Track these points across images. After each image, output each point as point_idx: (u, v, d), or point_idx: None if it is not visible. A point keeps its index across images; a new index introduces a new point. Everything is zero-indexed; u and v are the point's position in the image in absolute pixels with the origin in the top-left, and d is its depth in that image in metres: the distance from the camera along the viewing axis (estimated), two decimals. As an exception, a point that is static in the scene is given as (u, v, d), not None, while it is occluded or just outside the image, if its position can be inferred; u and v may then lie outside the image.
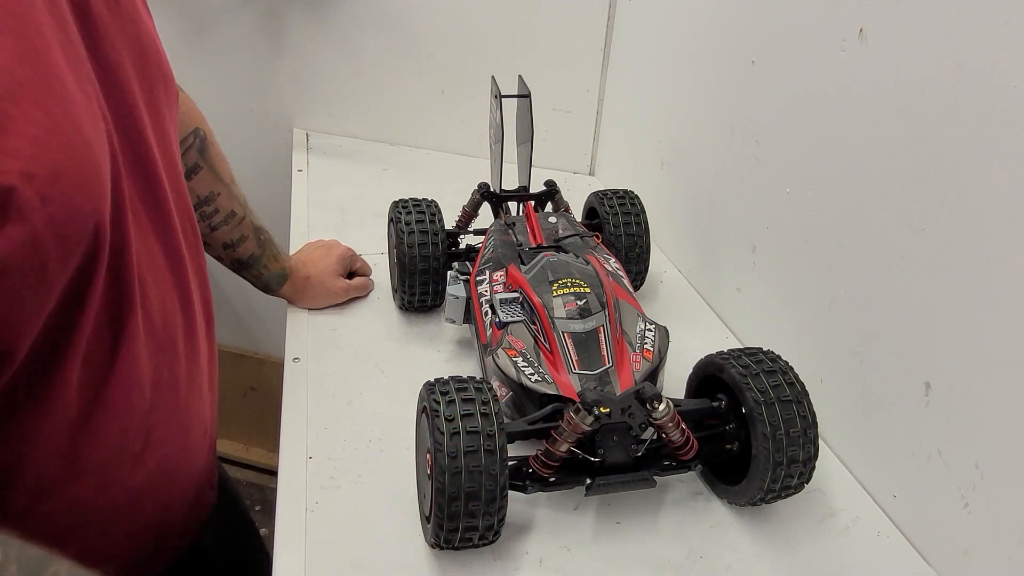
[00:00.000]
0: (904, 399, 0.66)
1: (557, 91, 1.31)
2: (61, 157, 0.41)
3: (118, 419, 0.53)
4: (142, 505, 0.59)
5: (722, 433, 0.67)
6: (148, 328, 0.54)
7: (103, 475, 0.54)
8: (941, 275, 0.62)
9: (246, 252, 0.85)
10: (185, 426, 0.62)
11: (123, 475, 0.56)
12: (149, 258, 0.54)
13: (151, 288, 0.54)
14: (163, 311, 0.56)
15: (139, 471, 0.57)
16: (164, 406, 0.57)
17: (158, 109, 0.56)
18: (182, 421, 0.61)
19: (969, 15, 0.57)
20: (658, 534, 0.66)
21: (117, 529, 0.58)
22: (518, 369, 0.68)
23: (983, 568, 0.60)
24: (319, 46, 1.37)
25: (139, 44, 0.53)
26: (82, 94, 0.45)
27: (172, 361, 0.58)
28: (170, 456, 0.60)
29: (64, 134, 0.42)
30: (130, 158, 0.52)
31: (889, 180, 0.66)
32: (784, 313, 0.84)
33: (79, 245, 0.44)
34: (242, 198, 0.83)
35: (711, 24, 0.95)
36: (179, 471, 0.63)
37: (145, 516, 0.61)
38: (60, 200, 0.41)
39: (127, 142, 0.52)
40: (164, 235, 0.56)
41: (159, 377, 0.56)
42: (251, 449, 1.90)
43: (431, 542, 0.61)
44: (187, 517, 0.66)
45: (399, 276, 0.89)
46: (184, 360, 0.59)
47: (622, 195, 0.96)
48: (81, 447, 0.52)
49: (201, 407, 0.64)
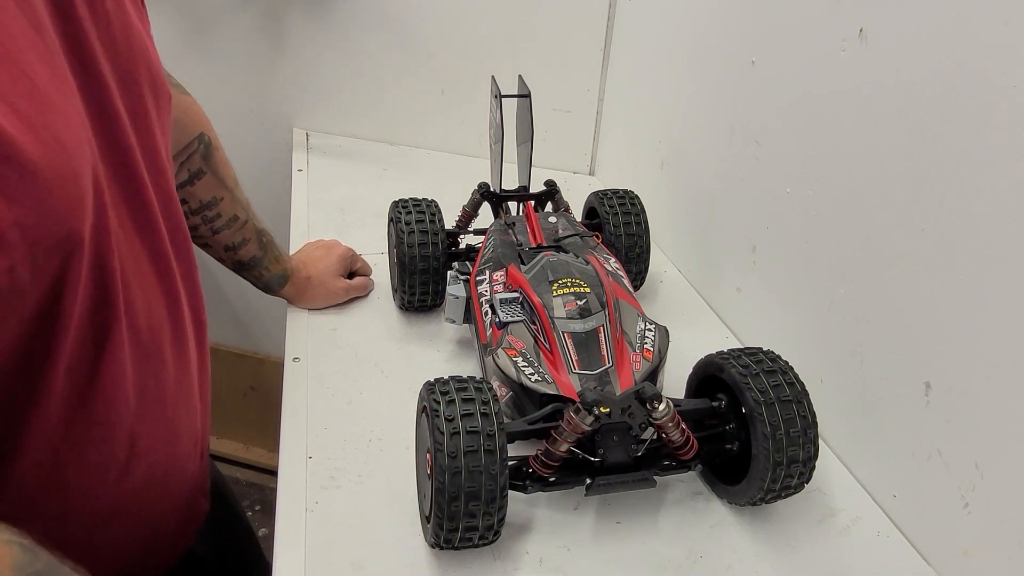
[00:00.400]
0: (904, 399, 0.66)
1: (557, 91, 1.31)
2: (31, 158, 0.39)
3: (102, 428, 0.52)
4: (129, 514, 0.58)
5: (722, 433, 0.67)
6: (133, 335, 0.52)
7: (87, 485, 0.53)
8: (941, 275, 0.62)
9: (247, 254, 0.85)
10: (173, 434, 0.60)
11: (108, 485, 0.54)
12: (134, 263, 0.53)
13: (136, 294, 0.53)
14: (148, 318, 0.54)
15: (125, 481, 0.56)
16: (150, 414, 0.56)
17: (144, 113, 0.54)
18: (170, 430, 0.59)
19: (969, 15, 0.57)
20: (658, 534, 0.66)
21: (103, 539, 0.57)
22: (518, 369, 0.68)
23: (983, 568, 0.60)
24: (319, 46, 1.37)
25: (127, 47, 0.52)
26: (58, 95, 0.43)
27: (158, 369, 0.56)
28: (158, 465, 0.59)
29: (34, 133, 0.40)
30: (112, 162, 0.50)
31: (889, 180, 0.66)
32: (784, 313, 0.84)
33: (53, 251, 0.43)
34: (245, 202, 0.83)
35: (711, 24, 0.95)
36: (168, 480, 0.61)
37: (132, 525, 0.59)
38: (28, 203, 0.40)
39: (109, 145, 0.50)
40: (150, 239, 0.55)
41: (144, 385, 0.55)
42: (251, 449, 1.90)
43: (431, 542, 0.61)
44: (178, 525, 0.65)
45: (399, 276, 0.90)
46: (172, 367, 0.58)
47: (622, 195, 0.96)
48: (64, 457, 0.51)
49: (191, 415, 0.62)
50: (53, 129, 0.42)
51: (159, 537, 0.64)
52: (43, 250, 0.42)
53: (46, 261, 0.43)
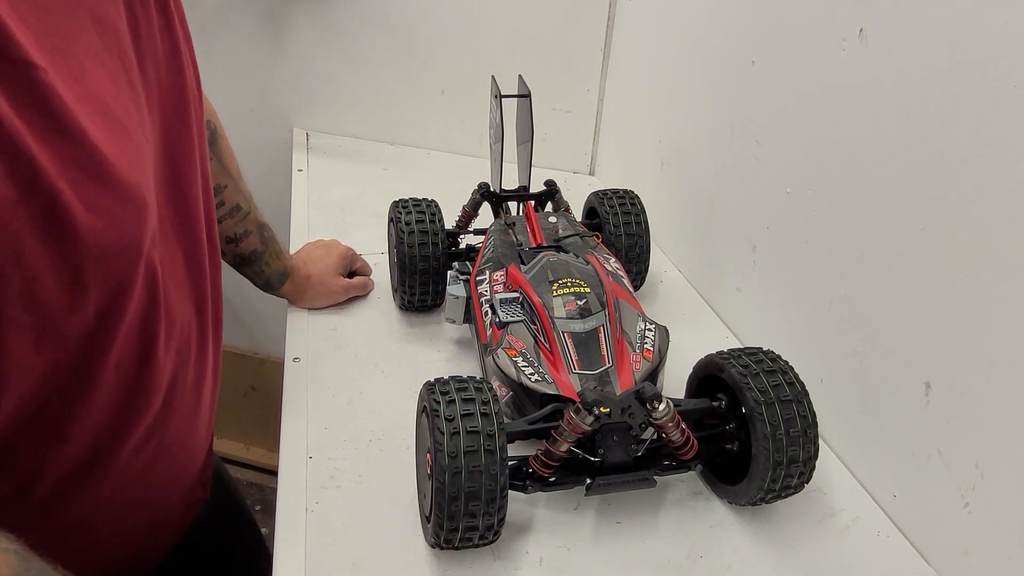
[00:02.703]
0: (904, 399, 0.66)
1: (557, 91, 1.31)
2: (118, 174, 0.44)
3: (140, 420, 0.55)
4: (148, 502, 0.61)
5: (722, 433, 0.67)
6: (168, 333, 0.55)
7: (120, 474, 0.56)
8: (941, 275, 0.62)
9: (249, 247, 0.85)
10: (193, 427, 0.63)
11: (135, 474, 0.57)
12: (171, 265, 0.56)
13: (172, 294, 0.56)
14: (181, 315, 0.58)
15: (151, 470, 0.58)
16: (177, 408, 0.59)
17: (192, 117, 0.58)
18: (189, 423, 0.62)
19: (969, 15, 0.57)
20: (658, 534, 0.66)
21: (124, 525, 0.60)
22: (518, 369, 0.68)
23: (983, 568, 0.60)
24: (319, 46, 1.37)
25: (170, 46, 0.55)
26: (126, 115, 0.47)
27: (186, 364, 0.59)
28: (177, 456, 0.62)
29: (120, 149, 0.44)
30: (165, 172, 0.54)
31: (889, 180, 0.66)
32: (784, 313, 0.84)
33: (118, 256, 0.46)
34: (248, 193, 0.83)
35: (711, 24, 0.95)
36: (184, 471, 0.64)
37: (149, 512, 0.62)
38: (107, 211, 0.43)
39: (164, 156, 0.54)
40: (186, 242, 0.58)
41: (176, 380, 0.58)
42: (251, 449, 1.90)
43: (431, 542, 0.61)
44: (179, 514, 0.67)
45: (399, 276, 0.90)
46: (195, 363, 0.61)
47: (622, 195, 0.96)
48: (103, 447, 0.53)
49: (204, 410, 0.65)
50: (133, 145, 0.46)
51: (162, 526, 0.65)
52: (110, 256, 0.46)
53: (112, 265, 0.46)
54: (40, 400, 0.47)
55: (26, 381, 0.45)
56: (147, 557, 0.65)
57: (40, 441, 0.49)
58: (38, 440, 0.49)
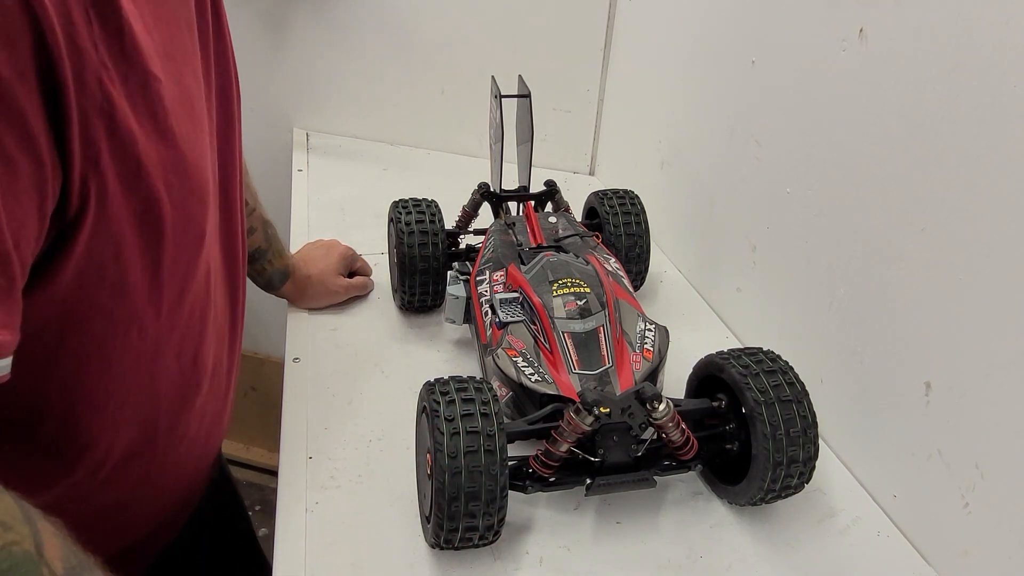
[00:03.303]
0: (904, 399, 0.66)
1: (557, 91, 1.31)
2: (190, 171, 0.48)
3: (192, 403, 0.60)
4: (181, 479, 0.65)
5: (722, 433, 0.67)
6: (214, 321, 0.60)
7: (167, 453, 0.60)
8: (941, 275, 0.62)
9: (252, 245, 0.85)
10: (222, 408, 0.68)
11: (176, 454, 0.61)
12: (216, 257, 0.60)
13: (215, 285, 0.60)
14: (220, 304, 0.62)
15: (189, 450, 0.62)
16: (213, 391, 0.64)
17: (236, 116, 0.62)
18: (220, 404, 0.67)
19: (969, 15, 0.57)
20: (658, 534, 0.66)
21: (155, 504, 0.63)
22: (518, 369, 0.68)
23: (983, 568, 0.60)
24: (319, 46, 1.36)
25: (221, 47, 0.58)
26: (204, 116, 0.51)
27: (220, 350, 0.63)
28: (209, 436, 0.66)
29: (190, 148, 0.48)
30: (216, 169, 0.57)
31: (889, 180, 0.66)
32: (784, 313, 0.84)
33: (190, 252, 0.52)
34: (253, 190, 0.83)
35: (711, 24, 0.95)
36: (212, 450, 0.69)
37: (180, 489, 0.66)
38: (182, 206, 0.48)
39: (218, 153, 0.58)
40: (227, 235, 0.62)
41: (216, 364, 0.62)
42: (251, 449, 1.90)
43: (431, 542, 0.61)
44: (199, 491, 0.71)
45: (399, 276, 0.89)
46: (227, 350, 0.66)
47: (622, 195, 0.96)
48: (164, 428, 0.58)
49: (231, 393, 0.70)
50: (205, 145, 0.51)
51: (184, 504, 0.69)
52: (182, 249, 0.50)
53: (182, 258, 0.51)
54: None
55: (111, 369, 0.49)
56: (161, 535, 0.67)
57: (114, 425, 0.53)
58: (115, 425, 0.53)
